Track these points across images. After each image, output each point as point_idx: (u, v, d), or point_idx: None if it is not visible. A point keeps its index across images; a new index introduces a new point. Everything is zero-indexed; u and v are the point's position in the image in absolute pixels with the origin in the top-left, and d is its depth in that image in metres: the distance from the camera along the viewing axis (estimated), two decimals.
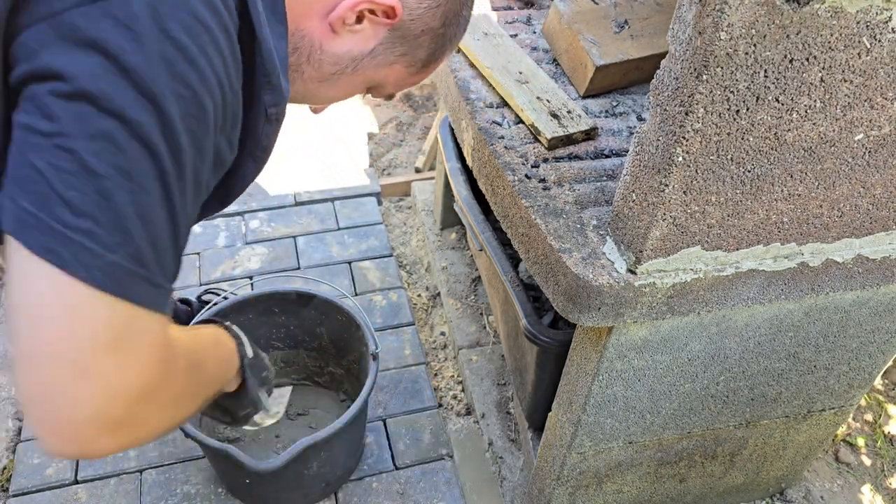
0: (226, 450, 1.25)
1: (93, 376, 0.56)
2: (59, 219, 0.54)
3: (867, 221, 0.95)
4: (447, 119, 1.72)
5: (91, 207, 0.55)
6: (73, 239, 0.54)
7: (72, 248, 0.54)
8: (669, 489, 1.43)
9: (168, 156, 0.57)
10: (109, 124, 0.55)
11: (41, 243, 0.54)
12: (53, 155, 0.54)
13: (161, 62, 0.56)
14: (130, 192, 0.56)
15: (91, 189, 0.55)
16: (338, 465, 1.45)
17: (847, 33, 0.72)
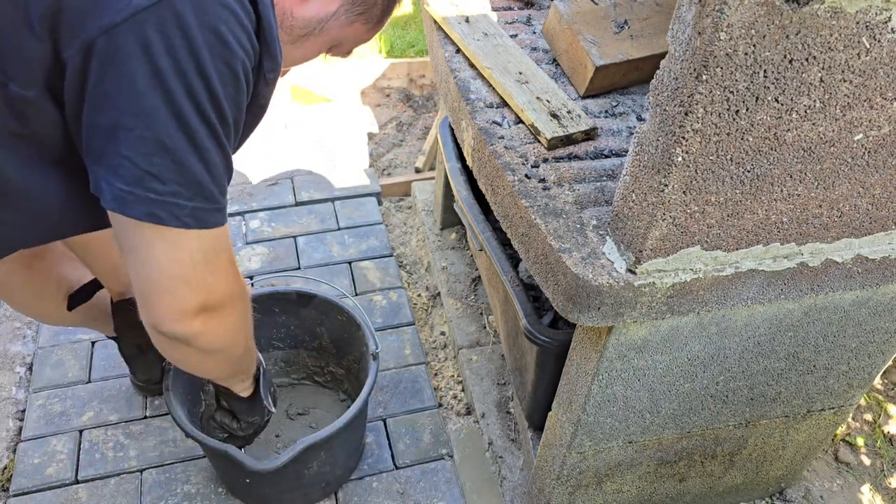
0: (226, 450, 1.25)
1: (191, 281, 0.83)
2: (153, 189, 0.75)
3: (867, 221, 0.95)
4: (447, 119, 1.72)
5: (173, 174, 0.75)
6: (166, 201, 0.76)
7: (166, 208, 0.76)
8: (669, 489, 1.43)
9: (218, 121, 0.77)
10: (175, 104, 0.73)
11: (142, 211, 0.75)
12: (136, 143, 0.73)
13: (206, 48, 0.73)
14: (196, 154, 0.76)
15: (170, 161, 0.75)
16: (338, 465, 1.45)
17: (847, 33, 0.72)
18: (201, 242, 0.81)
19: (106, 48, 0.71)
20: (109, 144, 0.73)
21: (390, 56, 3.27)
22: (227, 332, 0.95)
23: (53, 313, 1.36)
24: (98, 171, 0.75)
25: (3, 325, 1.82)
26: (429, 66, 3.00)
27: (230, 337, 0.97)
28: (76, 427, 1.60)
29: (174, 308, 0.84)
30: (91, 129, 0.74)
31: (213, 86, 0.74)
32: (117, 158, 0.73)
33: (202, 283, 0.84)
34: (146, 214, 0.75)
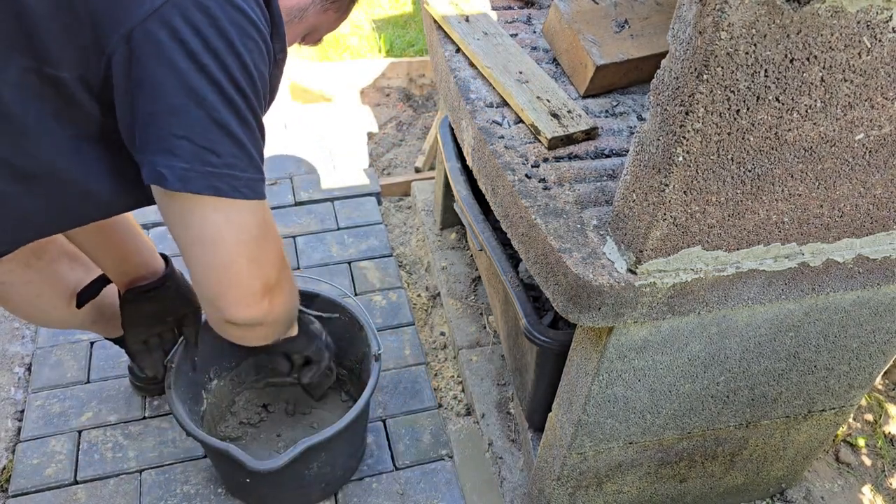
0: (227, 449, 1.25)
1: (257, 260, 0.88)
2: (210, 163, 0.80)
3: (867, 221, 0.95)
4: (447, 119, 1.72)
5: (227, 147, 0.81)
6: (224, 173, 0.81)
7: (225, 180, 0.82)
8: (669, 489, 1.43)
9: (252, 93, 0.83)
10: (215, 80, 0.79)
11: (204, 185, 0.80)
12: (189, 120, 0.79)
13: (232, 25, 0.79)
14: (242, 126, 0.82)
15: (223, 135, 0.81)
16: (338, 466, 1.45)
17: (847, 33, 0.72)
18: (256, 216, 0.87)
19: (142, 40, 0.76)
20: (163, 129, 0.79)
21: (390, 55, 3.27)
22: (288, 301, 1.05)
23: (51, 314, 1.35)
24: (156, 161, 0.80)
25: (2, 326, 1.82)
26: (429, 65, 2.99)
27: (291, 305, 1.08)
28: (75, 427, 1.60)
29: (245, 296, 0.90)
30: (146, 117, 0.79)
31: (244, 59, 0.80)
32: (173, 140, 0.79)
33: (263, 258, 0.90)
34: (208, 187, 0.80)
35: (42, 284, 1.29)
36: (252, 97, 0.83)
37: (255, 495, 1.44)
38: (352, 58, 3.25)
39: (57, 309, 1.34)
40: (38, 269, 1.28)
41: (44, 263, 1.29)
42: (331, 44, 3.34)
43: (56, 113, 0.82)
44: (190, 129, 0.79)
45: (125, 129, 0.82)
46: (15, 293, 1.28)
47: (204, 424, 1.48)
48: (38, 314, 1.36)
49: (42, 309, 1.33)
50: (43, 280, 1.29)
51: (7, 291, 1.28)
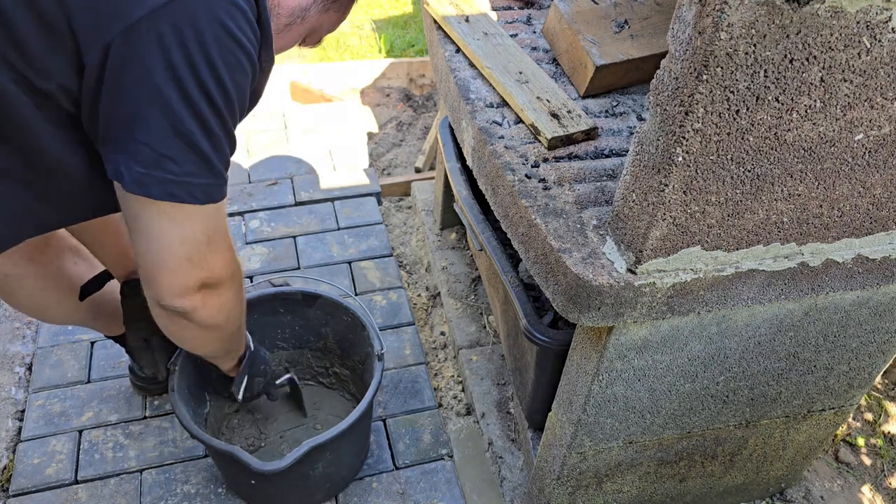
0: (231, 451, 1.25)
1: (196, 261, 0.93)
2: (169, 170, 0.83)
3: (867, 221, 0.95)
4: (447, 119, 1.72)
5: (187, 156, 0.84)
6: (181, 181, 0.84)
7: (182, 187, 0.85)
8: (669, 489, 1.43)
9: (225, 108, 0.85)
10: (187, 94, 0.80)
11: (162, 191, 0.84)
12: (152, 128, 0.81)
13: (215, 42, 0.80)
14: (207, 137, 0.84)
15: (184, 144, 0.83)
16: (343, 466, 1.45)
17: (847, 33, 0.72)
18: (206, 222, 0.91)
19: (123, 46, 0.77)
20: (128, 132, 0.81)
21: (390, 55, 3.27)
22: (224, 308, 1.04)
23: (54, 308, 1.35)
24: (117, 158, 0.83)
25: (3, 325, 1.82)
26: (429, 65, 3.00)
27: (226, 313, 1.06)
28: (76, 427, 1.60)
29: (176, 284, 0.94)
30: (110, 118, 0.81)
31: (221, 76, 0.82)
32: (136, 145, 0.81)
33: (204, 261, 0.94)
34: (166, 194, 0.84)
35: (45, 279, 1.29)
36: (225, 111, 0.85)
37: (261, 496, 1.44)
38: (352, 58, 3.25)
39: (60, 304, 1.34)
40: (42, 264, 1.28)
41: (47, 258, 1.29)
42: (331, 44, 3.34)
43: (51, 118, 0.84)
44: (152, 137, 0.81)
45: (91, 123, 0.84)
46: (19, 287, 1.28)
47: (207, 426, 1.48)
48: (41, 309, 1.36)
49: (45, 304, 1.33)
50: (46, 274, 1.29)
51: (11, 286, 1.28)
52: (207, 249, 0.93)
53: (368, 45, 3.37)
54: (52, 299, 1.33)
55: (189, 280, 0.94)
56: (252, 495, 1.45)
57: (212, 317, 1.02)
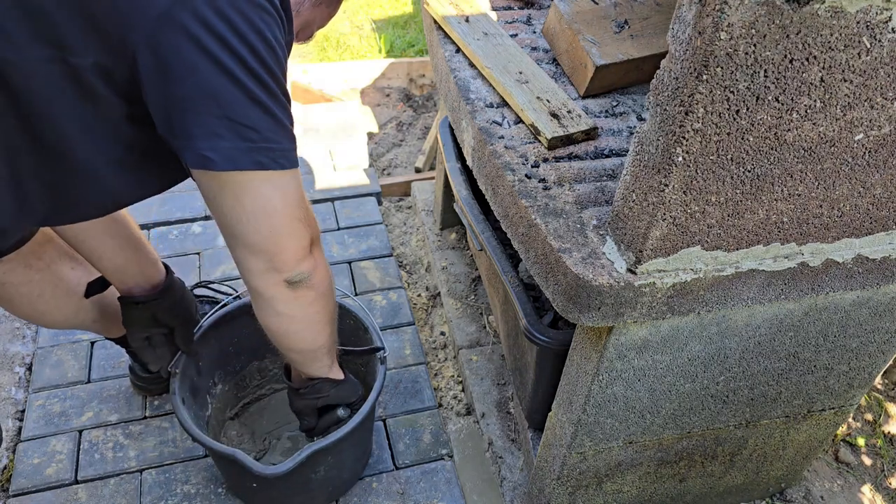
0: (233, 455, 1.24)
1: (304, 218, 0.98)
2: (251, 139, 0.85)
3: (867, 221, 0.95)
4: (447, 119, 1.72)
5: (264, 123, 0.86)
6: (264, 147, 0.87)
7: (266, 154, 0.87)
8: (669, 489, 1.43)
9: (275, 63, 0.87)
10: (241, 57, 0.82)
11: (250, 161, 0.86)
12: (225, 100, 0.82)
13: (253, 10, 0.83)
14: (274, 100, 0.87)
15: (261, 112, 0.85)
16: (345, 470, 1.44)
17: (847, 33, 0.72)
18: (296, 182, 0.95)
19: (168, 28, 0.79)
20: (202, 112, 0.82)
21: (390, 55, 3.27)
22: (326, 264, 1.10)
23: (53, 314, 1.35)
24: (198, 144, 0.84)
25: (3, 325, 1.82)
26: (429, 65, 3.00)
27: (328, 270, 1.11)
28: (76, 427, 1.60)
29: (298, 247, 0.98)
30: (182, 102, 0.82)
31: (265, 35, 0.84)
32: (214, 121, 0.83)
33: (308, 216, 0.99)
34: (253, 163, 0.86)
35: (43, 284, 1.30)
36: (276, 70, 0.87)
37: (262, 500, 1.44)
38: (352, 58, 3.25)
39: (59, 309, 1.34)
40: (39, 269, 1.28)
41: (44, 263, 1.29)
42: (331, 44, 3.34)
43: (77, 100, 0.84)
44: (230, 109, 0.83)
45: (160, 116, 0.85)
46: (16, 294, 1.28)
47: (209, 429, 1.48)
48: (39, 315, 1.36)
49: (43, 310, 1.33)
50: (43, 280, 1.29)
51: (9, 292, 1.28)
52: (305, 205, 0.98)
53: (368, 45, 3.36)
54: (50, 305, 1.33)
55: (305, 240, 0.99)
56: (253, 498, 1.45)
57: (326, 276, 1.07)
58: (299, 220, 0.96)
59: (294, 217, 0.95)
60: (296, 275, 1.00)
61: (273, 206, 0.92)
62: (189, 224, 2.14)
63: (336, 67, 2.94)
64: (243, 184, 0.88)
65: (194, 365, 1.44)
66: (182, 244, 2.07)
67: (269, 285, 1.00)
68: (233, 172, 0.87)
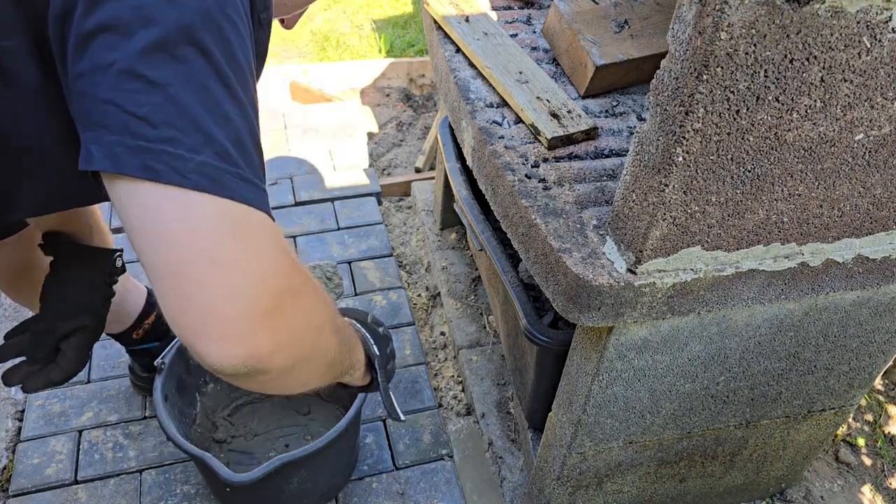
0: (202, 458, 1.21)
1: (222, 262, 0.57)
2: (142, 136, 0.56)
3: (867, 221, 0.95)
4: (447, 119, 1.72)
5: (166, 115, 0.57)
6: (159, 150, 0.56)
7: (162, 159, 0.56)
8: (669, 489, 1.43)
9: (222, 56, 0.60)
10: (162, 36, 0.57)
11: (135, 165, 0.56)
12: (117, 81, 0.57)
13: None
14: (196, 94, 0.58)
15: (161, 99, 0.57)
16: (321, 483, 1.42)
17: (847, 33, 0.72)
18: (222, 209, 0.58)
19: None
20: (90, 93, 0.59)
21: (390, 55, 3.27)
22: (311, 326, 0.68)
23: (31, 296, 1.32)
24: (85, 136, 0.60)
25: (3, 325, 1.82)
26: (429, 65, 3.00)
27: (314, 333, 0.69)
28: (75, 427, 1.60)
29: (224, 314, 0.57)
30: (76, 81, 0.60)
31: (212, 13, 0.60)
32: (101, 106, 0.58)
33: (239, 264, 0.58)
34: (140, 168, 0.56)
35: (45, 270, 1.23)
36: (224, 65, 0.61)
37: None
38: (352, 58, 3.25)
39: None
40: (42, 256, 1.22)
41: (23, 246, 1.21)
42: (331, 44, 3.34)
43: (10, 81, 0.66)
44: (118, 89, 0.57)
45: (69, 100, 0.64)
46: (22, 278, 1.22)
47: (194, 429, 1.47)
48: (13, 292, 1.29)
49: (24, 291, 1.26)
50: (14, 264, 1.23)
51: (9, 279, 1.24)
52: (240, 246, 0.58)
53: (368, 45, 3.37)
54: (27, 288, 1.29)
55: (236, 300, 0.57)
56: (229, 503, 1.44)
57: (301, 348, 0.66)
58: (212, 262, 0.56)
59: (200, 254, 0.56)
60: (221, 367, 0.58)
61: (168, 235, 0.57)
62: None
63: (336, 67, 2.94)
64: (129, 194, 0.58)
65: (184, 361, 1.43)
66: None
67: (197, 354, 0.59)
68: (114, 176, 0.58)
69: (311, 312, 0.68)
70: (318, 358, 0.74)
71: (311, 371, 0.73)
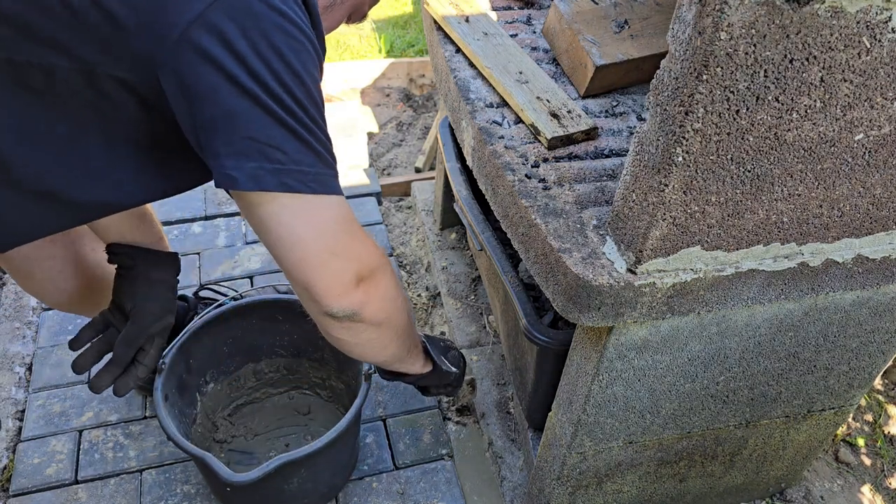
0: (203, 457, 1.22)
1: (341, 253, 0.90)
2: (279, 161, 0.82)
3: (867, 221, 0.95)
4: (447, 119, 1.72)
5: (292, 144, 0.82)
6: (292, 170, 0.82)
7: (294, 176, 0.83)
8: (669, 489, 1.43)
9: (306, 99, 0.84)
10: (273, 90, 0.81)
11: (274, 182, 0.82)
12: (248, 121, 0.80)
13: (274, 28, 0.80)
14: (303, 127, 0.83)
15: (286, 133, 0.82)
16: (321, 483, 1.42)
17: (847, 33, 0.72)
18: (333, 211, 0.88)
19: (189, 46, 0.77)
20: (227, 133, 0.80)
21: (390, 55, 3.27)
22: (387, 297, 1.00)
23: (70, 294, 1.34)
24: (225, 163, 0.81)
25: (3, 325, 1.82)
26: (429, 65, 3.00)
27: (391, 302, 1.01)
28: (76, 427, 1.60)
29: (335, 282, 0.90)
30: (207, 123, 0.81)
31: (291, 63, 0.81)
32: (241, 142, 0.80)
33: (349, 251, 0.91)
34: (278, 184, 0.82)
35: (65, 262, 1.29)
36: (304, 99, 0.83)
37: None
38: (352, 58, 3.25)
39: (77, 289, 1.33)
40: (63, 245, 1.28)
41: (69, 239, 1.29)
42: (331, 44, 3.34)
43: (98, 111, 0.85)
44: (253, 129, 0.80)
45: (190, 135, 0.84)
46: (38, 269, 1.28)
47: (195, 429, 1.47)
48: (59, 293, 1.33)
49: (63, 287, 1.32)
50: (66, 257, 1.29)
51: (31, 267, 1.27)
52: (348, 238, 0.90)
53: (368, 45, 3.37)
54: (70, 284, 1.32)
55: (344, 275, 0.90)
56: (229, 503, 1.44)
57: (382, 309, 0.98)
58: (331, 252, 0.88)
59: (327, 249, 0.88)
60: (337, 311, 0.92)
61: (298, 235, 0.86)
62: (189, 224, 2.14)
63: (336, 67, 2.94)
64: (268, 208, 0.84)
65: (185, 361, 1.43)
66: (182, 244, 2.07)
67: (313, 314, 0.96)
68: (258, 193, 0.83)
69: (388, 284, 1.00)
70: (394, 322, 1.04)
71: (389, 333, 1.05)
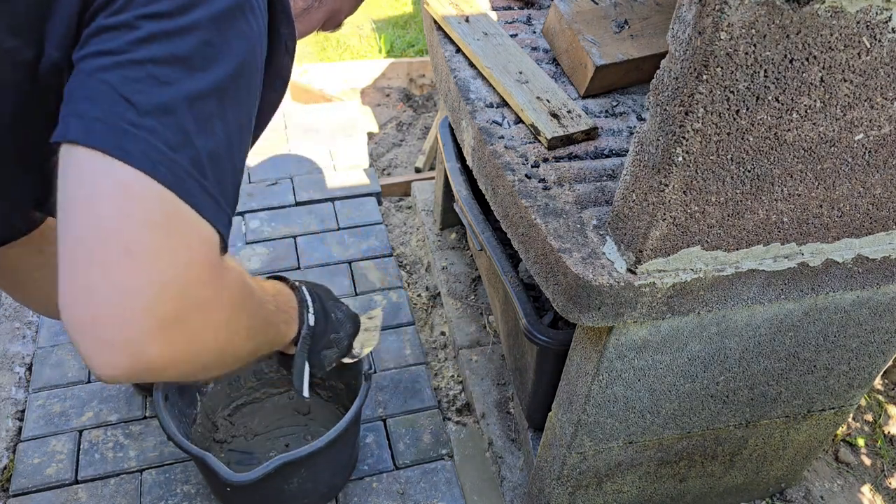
0: (203, 457, 1.22)
1: (136, 253, 0.54)
2: (125, 118, 0.56)
3: (867, 221, 0.95)
4: (447, 119, 1.72)
5: (154, 108, 0.57)
6: (138, 136, 0.56)
7: (140, 143, 0.55)
8: (669, 489, 1.43)
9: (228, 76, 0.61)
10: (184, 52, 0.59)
11: (112, 143, 0.55)
12: (123, 67, 0.57)
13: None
14: (190, 102, 0.58)
15: (156, 93, 0.57)
16: (321, 483, 1.42)
17: (847, 33, 0.72)
18: (165, 203, 0.56)
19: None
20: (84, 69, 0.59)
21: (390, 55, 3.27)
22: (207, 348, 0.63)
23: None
24: (73, 106, 0.58)
25: (3, 325, 1.82)
26: (429, 65, 3.00)
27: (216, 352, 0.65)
28: (76, 427, 1.60)
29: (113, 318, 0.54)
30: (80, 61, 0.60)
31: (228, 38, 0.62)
32: (97, 85, 0.57)
33: (151, 260, 0.54)
34: (115, 147, 0.55)
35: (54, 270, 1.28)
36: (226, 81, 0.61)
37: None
38: (352, 58, 3.25)
39: None
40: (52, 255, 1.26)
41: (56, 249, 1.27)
42: (331, 44, 3.34)
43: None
44: (119, 75, 0.57)
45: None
46: (30, 279, 1.27)
47: (195, 429, 1.47)
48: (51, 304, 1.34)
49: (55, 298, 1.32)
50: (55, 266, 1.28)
51: (23, 280, 1.27)
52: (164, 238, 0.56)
53: (368, 45, 3.37)
54: None
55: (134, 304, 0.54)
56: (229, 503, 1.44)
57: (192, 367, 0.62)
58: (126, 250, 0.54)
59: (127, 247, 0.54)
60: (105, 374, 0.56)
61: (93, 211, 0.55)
62: None
63: (336, 67, 2.95)
64: (89, 162, 0.56)
65: None
66: None
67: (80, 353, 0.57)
68: (82, 149, 0.56)
69: (219, 328, 0.63)
70: (226, 362, 0.70)
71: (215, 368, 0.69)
